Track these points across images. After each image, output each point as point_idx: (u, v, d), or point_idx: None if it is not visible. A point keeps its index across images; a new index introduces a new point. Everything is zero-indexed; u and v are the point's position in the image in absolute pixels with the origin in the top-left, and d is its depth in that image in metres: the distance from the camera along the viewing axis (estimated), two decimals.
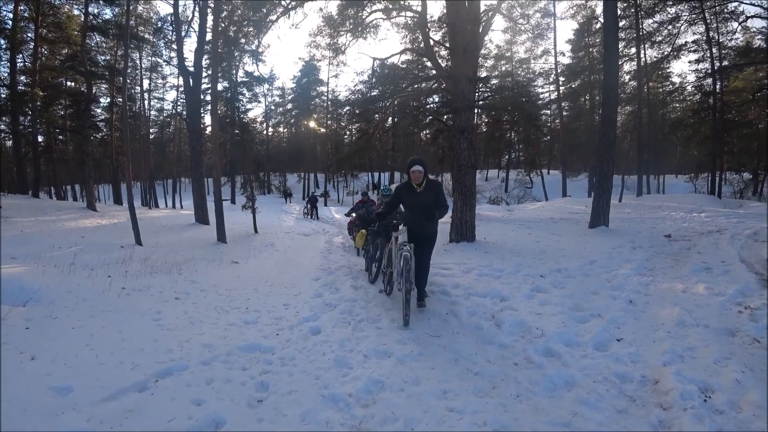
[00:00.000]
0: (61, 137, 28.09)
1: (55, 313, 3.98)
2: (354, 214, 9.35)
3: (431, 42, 10.27)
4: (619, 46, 17.97)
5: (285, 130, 49.52)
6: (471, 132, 7.80)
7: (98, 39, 21.98)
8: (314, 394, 2.43)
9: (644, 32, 21.09)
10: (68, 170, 29.40)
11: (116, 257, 7.63)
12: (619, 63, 20.29)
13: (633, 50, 22.67)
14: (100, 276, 5.87)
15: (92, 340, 3.23)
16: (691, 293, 3.99)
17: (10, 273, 5.61)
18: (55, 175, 29.33)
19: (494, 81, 30.98)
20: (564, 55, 33.55)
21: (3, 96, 20.00)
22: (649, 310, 3.55)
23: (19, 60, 20.95)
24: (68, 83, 25.17)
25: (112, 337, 3.33)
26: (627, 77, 25.64)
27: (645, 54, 22.58)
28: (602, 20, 10.51)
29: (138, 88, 30.83)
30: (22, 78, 21.88)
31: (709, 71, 21.62)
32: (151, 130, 35.49)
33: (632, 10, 19.30)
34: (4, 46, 19.77)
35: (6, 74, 20.17)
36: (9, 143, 22.02)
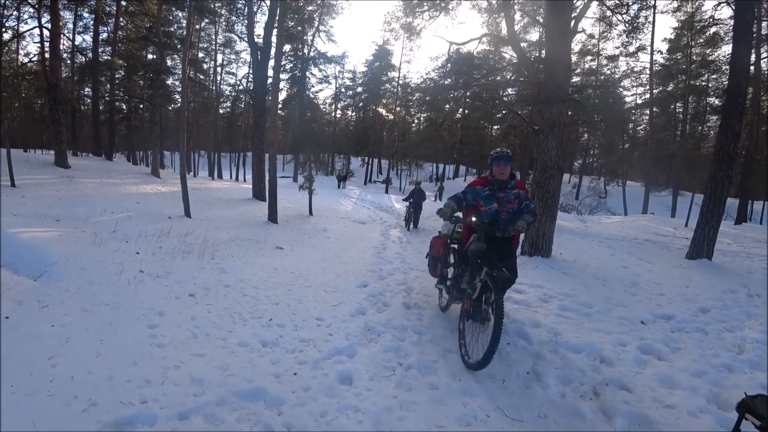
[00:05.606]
0: (141, 106, 29.55)
1: (50, 298, 3.37)
2: (459, 215, 3.63)
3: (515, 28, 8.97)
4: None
5: (353, 114, 49.32)
6: (562, 129, 6.50)
7: (176, 13, 22.53)
8: None
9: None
10: (143, 137, 30.98)
11: (158, 229, 7.25)
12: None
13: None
14: (128, 252, 5.38)
15: (62, 350, 2.52)
16: None
17: (38, 238, 5.24)
18: (132, 141, 30.97)
19: (576, 78, 28.34)
20: (661, 53, 29.80)
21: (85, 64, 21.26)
22: None
23: (104, 32, 22.03)
24: (150, 56, 26.18)
25: (87, 348, 2.61)
26: None
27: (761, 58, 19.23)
28: (733, 8, 8.65)
29: (212, 62, 31.58)
30: (108, 48, 23.07)
31: None
32: (223, 104, 36.51)
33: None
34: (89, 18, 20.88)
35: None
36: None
